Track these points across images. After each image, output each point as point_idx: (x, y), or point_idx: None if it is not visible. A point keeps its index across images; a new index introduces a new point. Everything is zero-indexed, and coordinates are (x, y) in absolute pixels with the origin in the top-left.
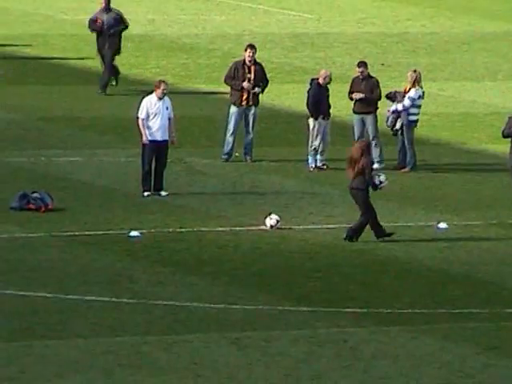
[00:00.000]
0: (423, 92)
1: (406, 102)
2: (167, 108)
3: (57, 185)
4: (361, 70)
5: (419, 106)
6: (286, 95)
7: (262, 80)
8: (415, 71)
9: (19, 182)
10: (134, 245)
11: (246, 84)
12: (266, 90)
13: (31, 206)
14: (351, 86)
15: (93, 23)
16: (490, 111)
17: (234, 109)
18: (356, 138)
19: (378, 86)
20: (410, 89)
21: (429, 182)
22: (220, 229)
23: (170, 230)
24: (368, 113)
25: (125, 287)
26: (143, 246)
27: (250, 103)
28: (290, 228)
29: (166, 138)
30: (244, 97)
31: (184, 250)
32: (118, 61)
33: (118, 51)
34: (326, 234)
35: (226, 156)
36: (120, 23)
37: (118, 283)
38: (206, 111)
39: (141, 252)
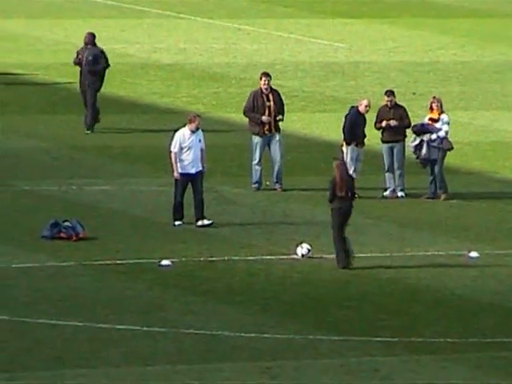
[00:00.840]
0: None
1: (446, 127)
2: (200, 141)
3: (88, 214)
4: (389, 98)
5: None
6: (317, 124)
7: (281, 106)
8: (436, 98)
9: (51, 210)
10: (165, 273)
11: (265, 118)
12: (286, 115)
13: (62, 235)
14: (378, 115)
15: (75, 57)
16: None
17: (256, 139)
18: (386, 167)
19: (407, 114)
20: (439, 115)
21: (460, 210)
22: (251, 258)
23: (201, 258)
24: (397, 141)
25: (156, 316)
26: (174, 274)
27: (273, 131)
28: (321, 257)
29: (200, 169)
30: (266, 127)
31: (215, 278)
32: (149, 89)
33: (98, 89)
34: (357, 263)
35: (256, 185)
36: (100, 60)
37: (150, 312)
38: (237, 140)
39: (172, 281)
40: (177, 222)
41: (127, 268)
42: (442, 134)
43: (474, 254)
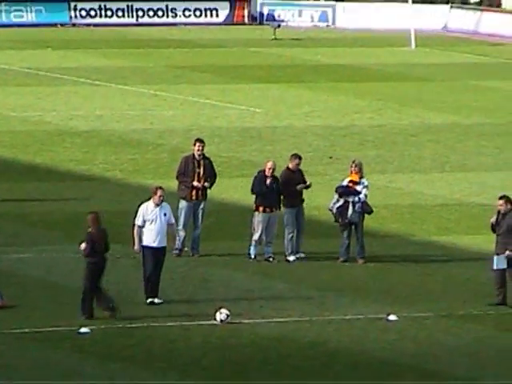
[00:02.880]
0: None
1: (365, 190)
2: (165, 214)
3: (6, 281)
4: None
5: None
6: (235, 189)
7: (210, 174)
8: (357, 161)
9: None
10: (84, 341)
11: (195, 183)
12: (215, 184)
13: None
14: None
15: None
16: (438, 203)
17: (183, 203)
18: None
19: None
20: (360, 178)
21: (378, 273)
22: (170, 323)
23: (120, 325)
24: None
25: None
26: (93, 341)
27: (200, 198)
28: (240, 322)
29: (164, 244)
30: (193, 192)
31: (134, 345)
32: (66, 157)
33: None
34: (277, 328)
35: (176, 251)
36: None
37: (69, 379)
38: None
39: (91, 348)
40: (149, 300)
41: (45, 336)
42: (362, 197)
43: (392, 317)
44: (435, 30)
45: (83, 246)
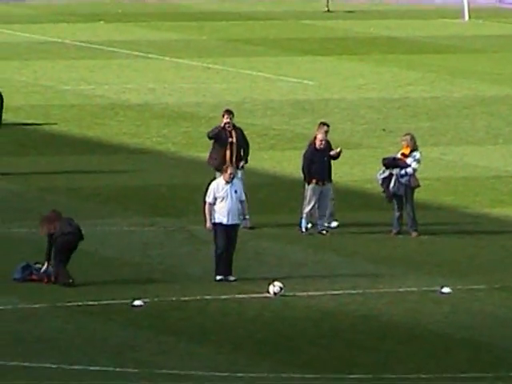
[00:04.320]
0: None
1: (415, 164)
2: (236, 191)
3: None
4: None
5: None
6: (288, 162)
7: (243, 143)
8: (409, 134)
9: (21, 253)
10: (138, 314)
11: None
12: (250, 155)
13: (34, 277)
14: None
15: None
16: (492, 175)
17: (219, 175)
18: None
19: None
20: (411, 151)
21: (432, 246)
22: (224, 297)
23: (174, 298)
24: None
25: (129, 357)
26: (147, 315)
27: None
28: (293, 295)
29: (236, 221)
30: (227, 162)
31: (188, 318)
32: (118, 130)
33: None
34: (330, 301)
35: None
36: None
37: (122, 353)
38: (208, 179)
39: (144, 321)
40: (218, 277)
41: (99, 309)
42: (409, 170)
43: (446, 289)
44: (489, 1)
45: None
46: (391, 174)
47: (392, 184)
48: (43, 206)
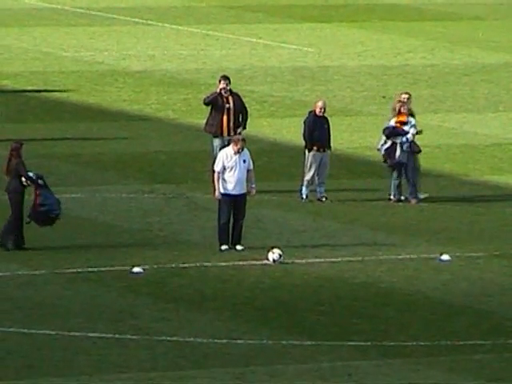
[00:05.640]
0: None
1: (413, 130)
2: (245, 161)
3: (59, 222)
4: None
5: None
6: (287, 129)
7: (240, 109)
8: (402, 102)
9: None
10: (137, 281)
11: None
12: (249, 122)
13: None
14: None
15: None
16: (491, 142)
17: (217, 142)
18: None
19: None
20: (407, 118)
21: (431, 214)
22: (223, 264)
23: (173, 265)
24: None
25: (128, 323)
26: (146, 281)
27: (232, 134)
28: (292, 262)
29: (243, 191)
30: (225, 127)
31: (187, 285)
32: (118, 97)
33: None
34: (329, 268)
35: None
36: None
37: (122, 320)
38: (208, 146)
39: (144, 288)
40: (223, 247)
41: (98, 276)
42: (410, 136)
43: (445, 257)
44: None
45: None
46: (394, 143)
47: (398, 153)
48: (43, 172)
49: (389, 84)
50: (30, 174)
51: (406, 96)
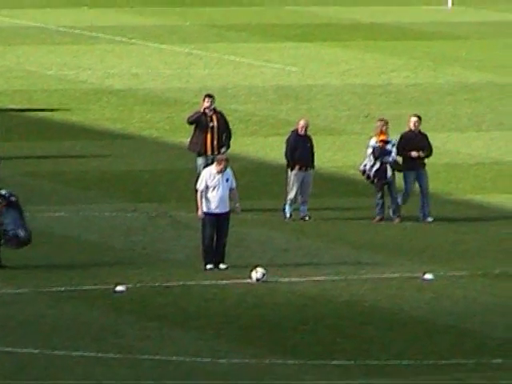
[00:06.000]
0: None
1: (394, 149)
2: (227, 180)
3: (42, 240)
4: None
5: None
6: (271, 148)
7: (224, 128)
8: (384, 120)
9: None
10: (120, 299)
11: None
12: (232, 141)
13: None
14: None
15: None
16: (475, 162)
17: (200, 160)
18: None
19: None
20: (388, 137)
21: (414, 232)
22: (206, 282)
23: (156, 284)
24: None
25: (111, 342)
26: (129, 300)
27: (215, 152)
28: (276, 281)
29: (226, 209)
30: (208, 145)
31: (170, 303)
32: (101, 115)
33: None
34: (313, 287)
35: None
36: None
37: (105, 338)
38: (191, 165)
39: (127, 306)
40: (208, 266)
41: (82, 294)
42: (394, 156)
43: (428, 276)
44: None
45: None
46: (384, 163)
47: (389, 173)
48: (27, 191)
49: (372, 103)
50: (3, 192)
51: (416, 119)
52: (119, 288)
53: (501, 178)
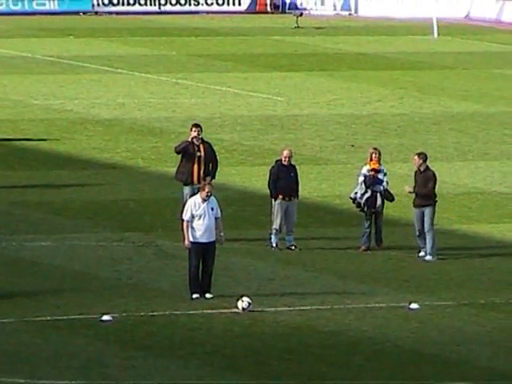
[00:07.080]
0: None
1: (386, 178)
2: (212, 209)
3: (28, 269)
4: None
5: None
6: (257, 177)
7: (211, 158)
8: (377, 149)
9: None
10: (106, 329)
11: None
12: (218, 170)
13: None
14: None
15: None
16: (460, 191)
17: (187, 189)
18: (417, 231)
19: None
20: (379, 166)
21: (400, 262)
22: (192, 312)
23: (142, 313)
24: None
25: (97, 371)
26: (115, 329)
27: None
28: (261, 310)
29: (212, 239)
30: (195, 175)
31: (156, 333)
32: (88, 145)
33: None
34: (298, 316)
35: None
36: None
37: (90, 368)
38: (177, 194)
39: (112, 336)
40: (194, 295)
41: (68, 324)
42: (385, 185)
43: (414, 305)
44: (458, 18)
45: None
46: (375, 192)
47: (379, 201)
48: (14, 220)
49: (358, 133)
50: None
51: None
52: (105, 317)
53: (486, 207)
